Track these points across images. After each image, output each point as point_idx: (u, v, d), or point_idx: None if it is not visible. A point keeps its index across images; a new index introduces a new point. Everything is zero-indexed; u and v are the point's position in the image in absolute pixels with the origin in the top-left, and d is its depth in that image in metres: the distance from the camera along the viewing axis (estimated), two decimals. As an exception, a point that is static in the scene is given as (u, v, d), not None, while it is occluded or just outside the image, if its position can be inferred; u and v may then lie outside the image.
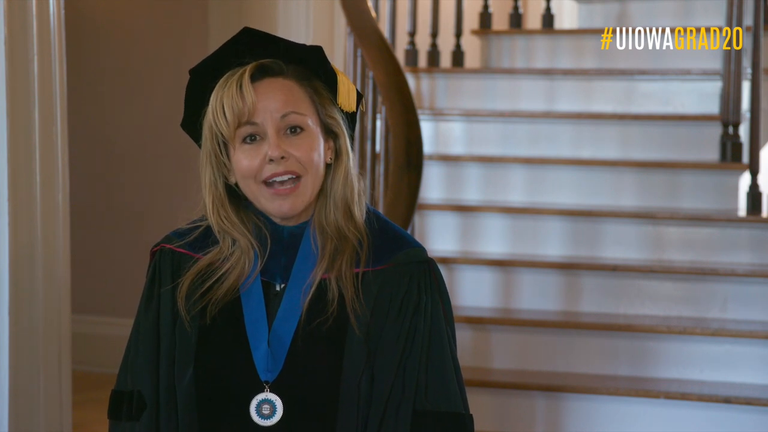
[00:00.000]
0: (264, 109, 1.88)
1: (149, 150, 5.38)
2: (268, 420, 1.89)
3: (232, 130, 1.89)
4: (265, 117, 1.88)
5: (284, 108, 1.89)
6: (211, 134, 1.91)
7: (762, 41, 4.36)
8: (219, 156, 1.92)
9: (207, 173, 1.93)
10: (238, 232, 1.93)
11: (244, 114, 1.88)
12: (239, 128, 1.89)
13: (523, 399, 3.71)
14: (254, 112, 1.88)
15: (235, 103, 1.87)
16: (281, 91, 1.90)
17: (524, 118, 4.69)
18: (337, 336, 1.89)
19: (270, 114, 1.88)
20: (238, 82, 1.88)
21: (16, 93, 3.07)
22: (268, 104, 1.89)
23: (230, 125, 1.88)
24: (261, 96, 1.89)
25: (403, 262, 1.94)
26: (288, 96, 1.90)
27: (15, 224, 3.07)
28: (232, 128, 1.88)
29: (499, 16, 5.89)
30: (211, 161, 1.93)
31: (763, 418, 3.54)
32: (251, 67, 1.90)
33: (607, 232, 4.21)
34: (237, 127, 1.89)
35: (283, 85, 1.91)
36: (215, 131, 1.90)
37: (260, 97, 1.89)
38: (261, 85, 1.90)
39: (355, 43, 4.14)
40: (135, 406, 1.95)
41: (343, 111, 1.97)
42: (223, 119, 1.88)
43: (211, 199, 1.94)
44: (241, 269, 1.92)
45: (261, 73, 1.90)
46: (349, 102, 1.97)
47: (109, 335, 5.28)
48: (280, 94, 1.90)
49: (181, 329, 1.94)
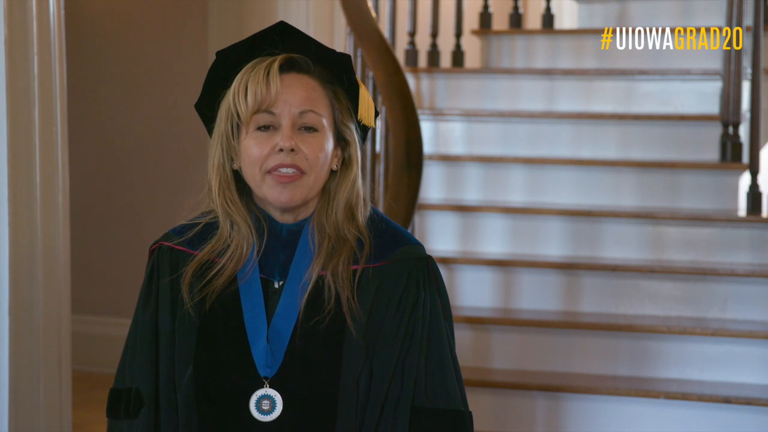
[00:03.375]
0: (285, 102, 1.91)
1: (149, 150, 5.38)
2: (267, 416, 1.90)
3: (250, 114, 1.90)
4: (284, 109, 1.90)
5: (304, 105, 1.91)
6: (227, 115, 1.93)
7: (762, 41, 4.36)
8: (230, 139, 1.94)
9: (216, 154, 1.95)
10: (240, 216, 1.94)
11: (265, 101, 1.90)
12: (257, 114, 1.91)
13: (523, 399, 3.71)
14: (275, 102, 1.91)
15: (260, 89, 1.90)
16: (304, 88, 1.92)
17: (524, 118, 4.69)
18: (335, 333, 1.90)
19: (289, 107, 1.91)
20: (266, 69, 1.91)
21: (16, 93, 3.07)
22: (289, 97, 1.91)
23: (249, 109, 1.90)
24: (285, 88, 1.91)
25: (402, 259, 1.95)
26: (310, 94, 1.92)
27: (15, 224, 3.07)
28: (250, 112, 1.90)
29: (499, 16, 5.89)
30: (222, 143, 1.94)
31: (763, 418, 3.54)
32: (281, 58, 1.92)
33: (607, 232, 4.21)
34: (255, 112, 1.90)
35: (307, 83, 1.93)
36: (232, 112, 1.92)
37: (284, 89, 1.91)
38: (287, 77, 1.92)
39: (355, 43, 4.14)
40: (133, 403, 1.96)
41: (358, 123, 1.98)
42: (244, 102, 1.90)
43: (218, 180, 1.95)
44: (240, 256, 1.93)
45: (289, 67, 1.93)
46: (369, 116, 2.00)
47: (109, 335, 5.28)
48: (303, 90, 1.92)
49: (180, 326, 1.94)
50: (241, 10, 5.08)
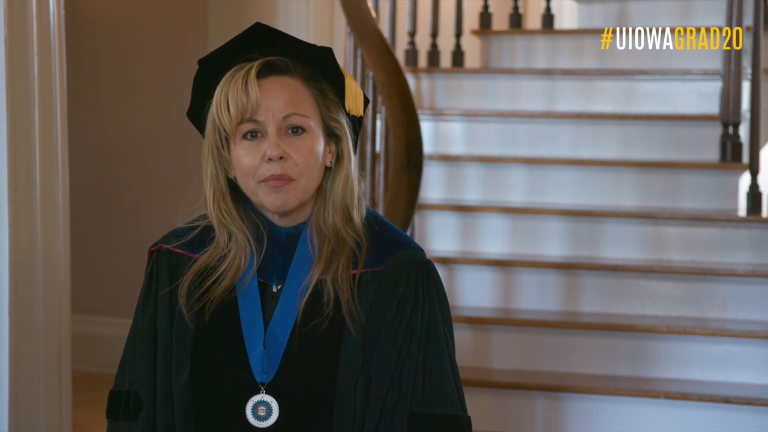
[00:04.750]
0: (267, 108, 1.88)
1: (149, 150, 5.38)
2: (264, 422, 1.88)
3: (234, 126, 1.88)
4: (268, 115, 1.88)
5: (287, 108, 1.88)
6: (214, 128, 1.91)
7: (762, 41, 4.36)
8: (221, 150, 1.92)
9: (209, 166, 1.93)
10: (236, 227, 1.92)
11: (247, 110, 1.88)
12: (241, 124, 1.88)
13: (522, 399, 3.71)
14: (257, 110, 1.88)
15: (240, 99, 1.87)
16: (286, 91, 1.89)
17: (524, 118, 4.69)
18: (332, 338, 1.88)
19: (272, 113, 1.88)
20: (244, 78, 1.88)
21: (16, 93, 3.07)
22: (271, 103, 1.88)
23: (233, 120, 1.88)
24: (265, 94, 1.88)
25: (401, 264, 1.93)
26: (292, 96, 1.89)
27: (15, 224, 3.07)
28: (234, 123, 1.88)
29: (499, 16, 5.89)
30: (213, 154, 1.92)
31: (763, 418, 3.54)
32: (258, 64, 1.89)
33: (607, 232, 4.21)
34: (239, 123, 1.88)
35: (288, 85, 1.90)
36: (218, 125, 1.90)
37: (264, 95, 1.88)
38: (266, 82, 1.89)
39: (355, 43, 4.14)
40: (132, 406, 1.95)
41: (348, 114, 1.96)
42: (227, 114, 1.88)
43: (212, 191, 1.93)
44: (238, 266, 1.92)
45: (268, 70, 1.90)
46: (357, 106, 1.96)
47: (109, 335, 5.28)
48: (285, 93, 1.89)
49: (178, 330, 1.94)
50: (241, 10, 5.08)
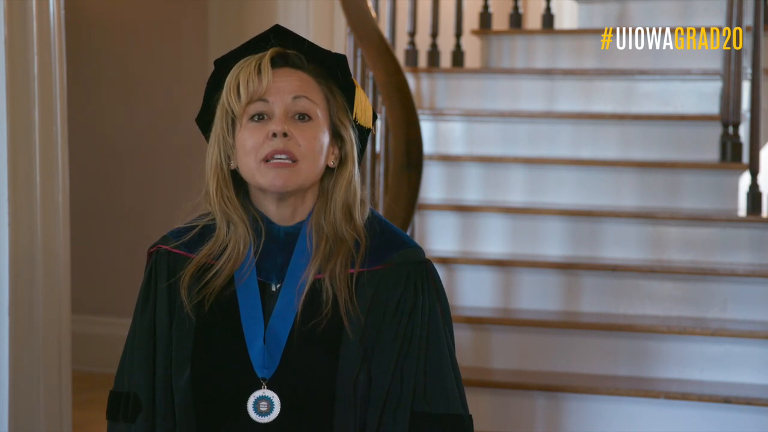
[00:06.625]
0: (277, 90, 1.90)
1: (149, 150, 5.38)
2: (265, 417, 1.89)
3: (243, 106, 1.90)
4: (277, 97, 1.90)
5: (297, 91, 1.91)
6: (222, 113, 1.93)
7: (762, 41, 4.36)
8: (227, 138, 1.93)
9: (213, 154, 1.94)
10: (237, 215, 1.93)
11: (257, 91, 1.90)
12: (249, 104, 1.90)
13: (523, 399, 3.71)
14: (267, 91, 1.90)
15: (252, 81, 1.89)
16: (297, 78, 1.92)
17: (524, 118, 4.69)
18: (331, 337, 1.89)
19: (282, 95, 1.90)
20: (257, 62, 1.90)
21: (16, 93, 3.07)
22: (282, 85, 1.90)
23: (242, 100, 1.90)
24: (277, 78, 1.91)
25: (400, 263, 1.93)
26: (303, 83, 1.92)
27: (15, 224, 3.07)
28: (243, 104, 1.90)
29: (499, 16, 5.89)
30: (219, 143, 1.94)
31: (763, 418, 3.54)
32: (272, 51, 1.92)
33: (607, 232, 4.21)
34: (248, 103, 1.90)
35: (300, 75, 1.93)
36: (226, 108, 1.92)
37: (276, 79, 1.91)
38: (280, 71, 1.92)
39: (355, 43, 4.14)
40: (131, 407, 1.95)
41: (355, 124, 1.97)
42: (236, 95, 1.90)
43: (215, 180, 1.94)
44: (237, 256, 1.92)
45: (281, 61, 1.93)
46: (365, 117, 1.99)
47: (109, 335, 5.28)
48: (296, 80, 1.92)
49: (178, 326, 1.94)
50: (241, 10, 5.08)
